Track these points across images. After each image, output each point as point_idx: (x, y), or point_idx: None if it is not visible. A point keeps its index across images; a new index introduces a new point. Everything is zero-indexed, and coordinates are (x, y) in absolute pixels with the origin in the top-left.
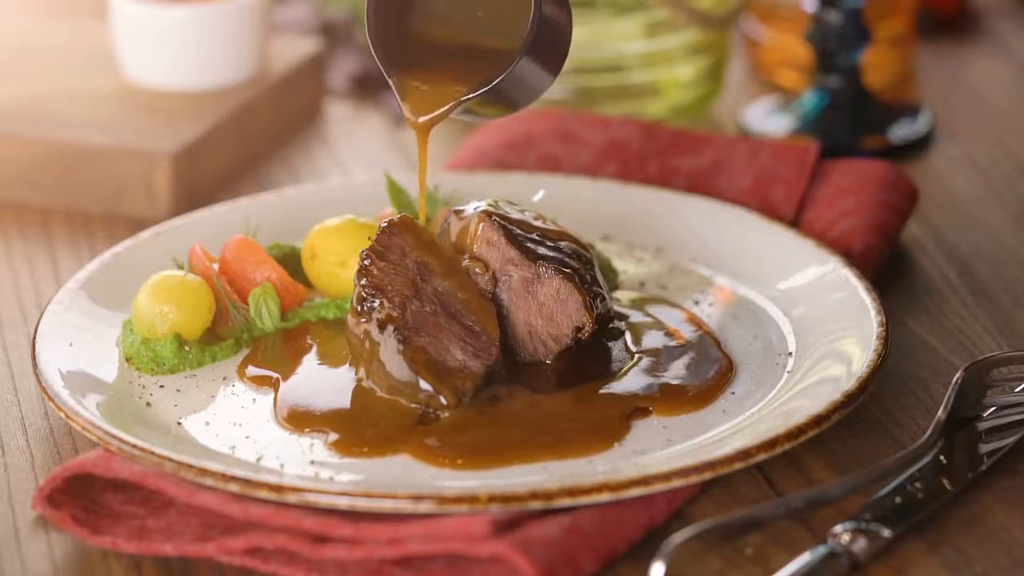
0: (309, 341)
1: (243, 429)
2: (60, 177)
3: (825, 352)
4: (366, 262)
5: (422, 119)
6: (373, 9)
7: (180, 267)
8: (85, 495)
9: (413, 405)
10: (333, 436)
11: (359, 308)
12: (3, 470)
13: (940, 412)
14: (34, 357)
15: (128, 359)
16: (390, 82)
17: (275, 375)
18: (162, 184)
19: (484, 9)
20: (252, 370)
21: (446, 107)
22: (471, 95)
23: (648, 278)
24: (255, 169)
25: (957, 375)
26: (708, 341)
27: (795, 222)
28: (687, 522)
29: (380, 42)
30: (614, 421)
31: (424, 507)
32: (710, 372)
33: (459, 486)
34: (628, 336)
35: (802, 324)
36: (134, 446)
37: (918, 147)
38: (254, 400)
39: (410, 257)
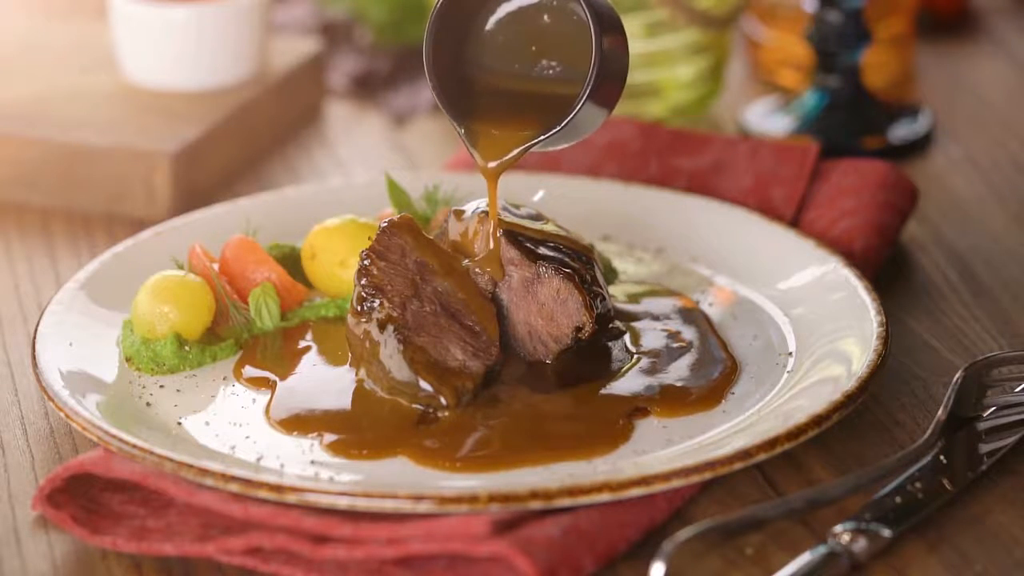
0: (308, 341)
1: (243, 429)
2: (60, 177)
3: (825, 352)
4: (366, 262)
5: (492, 165)
6: (432, 62)
7: (180, 267)
8: (85, 495)
9: (413, 405)
10: (331, 437)
11: (359, 308)
12: (3, 470)
13: (940, 412)
14: (34, 357)
15: (128, 359)
16: (458, 132)
17: (272, 377)
18: (162, 184)
19: (540, 47)
20: (249, 371)
21: (515, 152)
22: (539, 139)
23: (648, 278)
24: (255, 169)
25: (957, 375)
26: (712, 341)
27: (795, 222)
28: (687, 522)
29: (445, 93)
30: (616, 423)
31: (424, 507)
32: (714, 374)
33: (459, 486)
34: (628, 336)
35: (802, 324)
36: (134, 446)
37: (918, 147)
38: (254, 400)
39: (410, 257)
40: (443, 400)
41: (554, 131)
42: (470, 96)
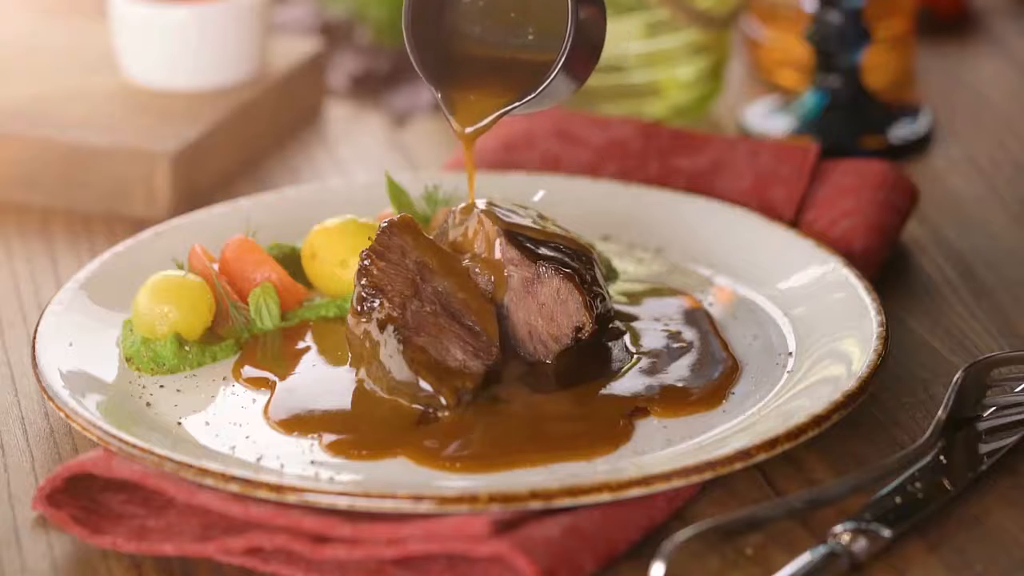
0: (308, 341)
1: (243, 429)
2: (60, 177)
3: (825, 352)
4: (366, 262)
5: (469, 130)
6: (411, 28)
7: (180, 267)
8: (85, 495)
9: (413, 405)
10: (331, 437)
11: (359, 308)
12: (3, 470)
13: (940, 412)
14: (34, 357)
15: (128, 359)
16: (436, 96)
17: (272, 377)
18: (162, 184)
19: (519, 14)
20: (249, 371)
21: (491, 117)
22: (515, 104)
23: (648, 278)
24: (255, 169)
25: (957, 375)
26: (713, 341)
27: (795, 222)
28: (687, 522)
29: (423, 58)
30: (616, 423)
31: (424, 507)
32: (714, 374)
33: (459, 486)
34: (628, 336)
35: (802, 324)
36: (134, 446)
37: (918, 147)
38: (254, 400)
39: (410, 257)
40: (443, 400)
41: (528, 98)
42: (448, 61)
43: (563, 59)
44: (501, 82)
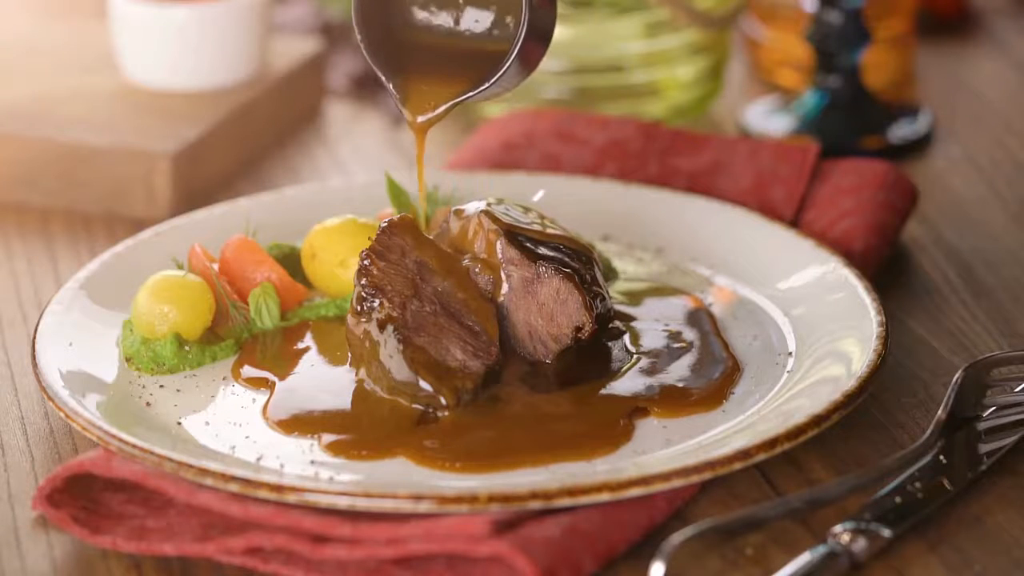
0: (308, 341)
1: (243, 429)
2: (60, 177)
3: (825, 352)
4: (366, 262)
5: (421, 120)
6: (361, 18)
7: (180, 267)
8: (85, 495)
9: (413, 405)
10: (331, 438)
11: (359, 308)
12: (3, 470)
13: (940, 412)
14: (34, 357)
15: (128, 359)
16: (388, 87)
17: (272, 377)
18: (162, 184)
19: (468, 1)
20: (248, 371)
21: (443, 107)
22: (468, 95)
23: (648, 278)
24: (255, 169)
25: (957, 375)
26: (713, 341)
27: (795, 222)
28: (687, 522)
29: (374, 48)
30: (616, 423)
31: (424, 507)
32: (715, 374)
33: (459, 486)
34: (628, 336)
35: (802, 324)
36: (134, 446)
37: (918, 147)
38: (254, 400)
39: (410, 257)
40: (443, 400)
41: (482, 88)
42: (400, 51)
43: (517, 48)
44: (453, 71)
